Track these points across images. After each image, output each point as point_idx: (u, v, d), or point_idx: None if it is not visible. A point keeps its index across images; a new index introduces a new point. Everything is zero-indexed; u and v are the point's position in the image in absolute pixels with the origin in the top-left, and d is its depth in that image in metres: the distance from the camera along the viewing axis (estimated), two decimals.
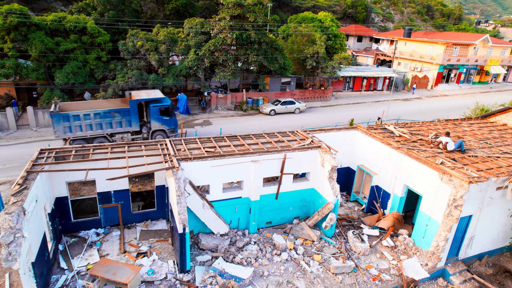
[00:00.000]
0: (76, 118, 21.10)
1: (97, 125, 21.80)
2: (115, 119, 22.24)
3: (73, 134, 21.33)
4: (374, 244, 14.69)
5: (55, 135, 21.21)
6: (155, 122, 23.65)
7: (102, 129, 22.12)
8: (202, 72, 32.14)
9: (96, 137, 22.26)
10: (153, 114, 23.42)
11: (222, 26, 31.56)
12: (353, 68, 44.39)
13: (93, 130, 21.84)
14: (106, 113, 21.82)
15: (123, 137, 22.90)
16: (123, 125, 22.66)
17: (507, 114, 20.56)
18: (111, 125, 22.27)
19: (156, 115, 23.51)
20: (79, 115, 21.11)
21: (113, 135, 22.82)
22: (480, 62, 51.18)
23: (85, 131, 21.65)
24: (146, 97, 23.33)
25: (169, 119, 24.02)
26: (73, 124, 21.09)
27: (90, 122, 21.52)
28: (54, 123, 20.65)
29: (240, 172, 13.81)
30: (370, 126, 18.30)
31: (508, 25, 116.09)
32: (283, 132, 16.53)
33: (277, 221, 15.63)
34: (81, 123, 21.31)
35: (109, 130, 22.38)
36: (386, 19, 79.85)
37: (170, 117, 24.00)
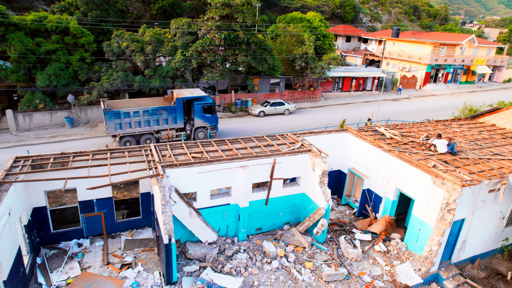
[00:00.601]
0: (127, 115, 22.14)
1: (145, 122, 22.88)
2: (162, 116, 23.30)
3: (123, 131, 22.42)
4: (367, 249, 14.38)
5: (106, 131, 22.25)
6: (198, 120, 24.77)
7: (150, 126, 23.24)
8: (190, 73, 31.52)
9: (143, 134, 23.38)
10: (197, 112, 24.48)
11: (209, 27, 30.99)
12: (342, 69, 44.29)
13: (141, 127, 22.96)
14: (154, 110, 22.86)
15: (167, 134, 23.98)
16: (169, 122, 23.75)
17: (496, 115, 20.55)
18: (158, 122, 23.34)
19: (200, 112, 24.58)
20: (129, 112, 22.15)
21: (159, 132, 23.94)
22: (466, 62, 51.71)
23: (134, 128, 22.73)
24: (190, 95, 24.35)
25: (211, 116, 25.16)
26: (123, 121, 22.13)
27: (139, 119, 22.60)
28: (106, 120, 21.68)
29: (228, 178, 13.33)
30: (360, 128, 18.01)
31: (492, 26, 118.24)
32: (273, 135, 16.10)
33: (267, 227, 15.19)
34: (131, 120, 22.39)
35: (156, 127, 23.50)
36: (374, 19, 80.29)
37: (212, 114, 25.14)
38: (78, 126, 28.13)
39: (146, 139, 23.65)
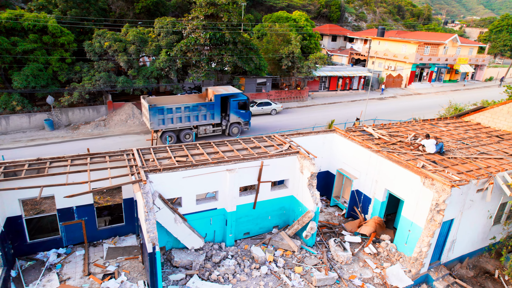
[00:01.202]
0: (169, 111, 23.49)
1: (186, 118, 24.25)
2: (201, 112, 24.75)
3: (165, 126, 23.75)
4: (357, 251, 14.18)
5: (150, 127, 23.46)
6: (234, 115, 26.30)
7: (190, 121, 24.61)
8: (175, 74, 30.88)
9: (183, 129, 24.83)
10: (233, 108, 25.98)
11: (194, 26, 30.41)
12: (328, 68, 44.29)
13: (182, 122, 24.33)
14: (194, 106, 24.29)
15: (206, 129, 25.59)
16: (207, 118, 25.27)
17: (480, 114, 20.71)
18: (197, 117, 24.78)
19: (235, 108, 26.13)
20: (172, 108, 23.49)
21: (197, 127, 25.39)
22: (450, 61, 52.49)
23: (176, 123, 24.10)
24: (226, 92, 25.63)
25: (245, 112, 26.68)
26: (166, 117, 23.42)
27: (180, 115, 23.98)
28: (151, 115, 22.94)
29: (215, 182, 12.91)
30: (348, 128, 17.83)
31: (472, 26, 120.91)
32: (260, 137, 15.75)
33: (255, 232, 14.83)
34: (173, 116, 23.70)
35: (195, 123, 24.93)
36: (360, 19, 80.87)
37: (246, 110, 26.63)
38: (58, 129, 27.17)
39: (186, 134, 25.19)
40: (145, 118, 24.86)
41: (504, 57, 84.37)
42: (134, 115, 28.94)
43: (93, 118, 29.02)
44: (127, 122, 28.52)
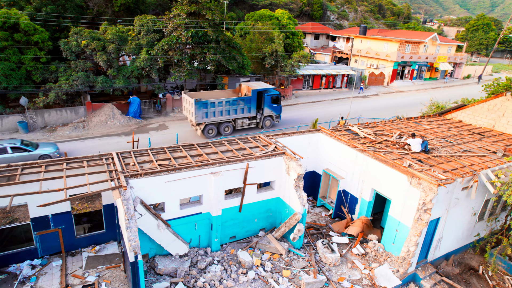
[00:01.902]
0: (212, 105, 25.20)
1: (226, 112, 25.94)
2: (239, 106, 26.51)
3: (208, 119, 25.49)
4: (344, 252, 14.02)
5: (195, 120, 25.09)
6: (267, 109, 28.12)
7: (229, 115, 26.32)
8: (156, 73, 30.11)
9: (223, 122, 26.55)
10: (266, 102, 27.85)
11: (176, 24, 29.70)
12: (312, 66, 44.27)
13: (223, 116, 26.00)
14: (234, 101, 26.06)
15: (243, 122, 27.40)
16: (244, 112, 27.09)
17: (462, 111, 20.98)
18: (236, 111, 26.54)
19: (269, 102, 27.99)
20: (215, 102, 25.24)
21: (235, 121, 27.11)
22: (430, 59, 53.44)
23: (217, 116, 25.75)
24: (260, 87, 27.41)
25: (277, 106, 28.54)
26: (209, 111, 25.16)
27: (221, 109, 25.65)
28: (196, 109, 24.55)
29: (199, 186, 12.47)
30: (334, 127, 17.69)
31: (450, 25, 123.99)
32: (244, 138, 15.38)
33: (241, 235, 14.47)
34: (215, 109, 25.38)
35: (234, 116, 26.65)
36: (342, 17, 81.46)
37: (278, 104, 28.46)
38: (34, 131, 26.03)
39: (225, 127, 26.93)
40: (187, 112, 26.42)
41: (480, 55, 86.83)
42: (115, 116, 28.06)
43: (71, 119, 27.97)
44: (107, 124, 27.62)
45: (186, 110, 26.58)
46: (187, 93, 26.05)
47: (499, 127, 19.20)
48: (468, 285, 14.36)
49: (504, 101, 18.83)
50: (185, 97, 25.78)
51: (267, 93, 27.73)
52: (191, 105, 24.94)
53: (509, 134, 18.69)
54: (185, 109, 26.79)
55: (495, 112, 19.26)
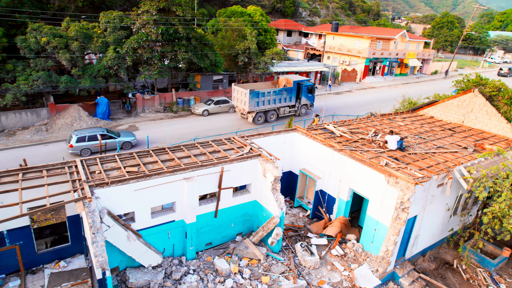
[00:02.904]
0: (262, 95, 28.34)
1: (272, 101, 29.30)
2: (282, 96, 29.87)
3: (258, 107, 28.61)
4: (324, 254, 13.80)
5: (248, 109, 28.07)
6: (304, 98, 31.85)
7: (275, 104, 29.67)
8: (125, 72, 28.80)
9: (269, 110, 29.79)
10: (303, 92, 31.47)
11: (145, 21, 28.48)
12: (285, 63, 44.06)
13: (270, 104, 29.31)
14: (279, 91, 29.56)
15: (285, 110, 30.82)
16: (286, 101, 30.50)
17: (433, 107, 21.34)
18: (280, 100, 29.92)
19: (305, 92, 31.67)
20: (264, 92, 28.38)
21: (279, 109, 30.41)
22: (400, 55, 54.65)
23: (265, 105, 29.00)
24: (298, 79, 31.09)
25: (311, 95, 32.40)
26: (260, 100, 28.32)
27: (269, 98, 28.94)
28: (250, 99, 27.67)
29: (171, 193, 11.80)
30: (309, 126, 17.43)
31: (416, 22, 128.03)
32: (218, 140, 14.79)
33: (218, 241, 13.92)
34: (264, 99, 28.54)
35: (278, 105, 29.93)
36: (313, 14, 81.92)
37: (312, 94, 32.32)
38: None
39: (271, 115, 30.23)
40: (238, 102, 29.30)
41: (445, 51, 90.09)
42: (81, 118, 26.58)
43: (32, 122, 26.23)
44: (73, 126, 26.11)
45: (236, 100, 29.54)
46: (238, 85, 29.39)
47: (468, 122, 19.65)
48: (444, 280, 14.53)
49: (472, 97, 19.26)
50: (237, 89, 28.82)
51: (304, 84, 31.31)
52: (245, 95, 27.86)
53: (477, 129, 19.16)
54: (235, 99, 29.74)
55: (464, 108, 19.69)
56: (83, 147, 21.73)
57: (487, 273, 14.85)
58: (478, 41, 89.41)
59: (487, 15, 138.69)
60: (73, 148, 21.55)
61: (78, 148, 21.67)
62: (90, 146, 21.92)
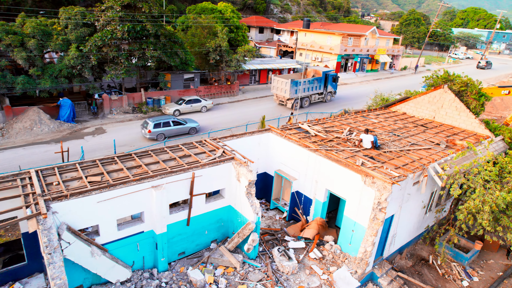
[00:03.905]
0: (299, 84, 32.95)
1: (306, 89, 34.26)
2: (314, 85, 34.82)
3: (296, 95, 32.86)
4: (302, 258, 13.42)
5: (289, 96, 32.67)
6: (330, 86, 36.98)
7: (308, 91, 34.60)
8: (89, 72, 27.25)
9: (304, 97, 34.49)
10: (330, 81, 36.55)
11: (109, 17, 27.01)
12: (258, 61, 43.55)
13: (304, 92, 34.05)
14: (312, 80, 34.45)
15: (315, 97, 35.93)
16: (316, 89, 35.52)
17: (405, 103, 21.50)
18: (312, 89, 34.94)
19: (331, 81, 36.68)
20: (301, 82, 33.03)
21: (310, 96, 35.42)
22: (371, 51, 55.50)
23: (301, 93, 33.24)
24: (325, 70, 36.72)
25: (335, 84, 37.61)
26: (298, 88, 32.83)
27: (304, 87, 33.67)
28: (290, 87, 32.29)
29: (139, 203, 10.98)
30: (283, 126, 16.99)
31: (385, 19, 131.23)
32: (189, 143, 14.04)
33: (191, 250, 13.23)
34: (300, 87, 32.96)
35: (310, 93, 34.87)
36: (285, 10, 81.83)
37: (336, 83, 37.48)
38: None
39: (304, 101, 34.98)
40: (278, 91, 33.96)
41: (413, 47, 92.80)
42: (42, 121, 24.89)
43: None
44: (33, 130, 24.41)
45: (276, 89, 34.15)
46: (278, 75, 34.67)
47: (439, 118, 19.91)
48: (421, 276, 14.56)
49: (442, 93, 19.51)
50: (278, 79, 33.60)
51: (330, 74, 36.39)
52: (286, 85, 32.63)
53: (447, 125, 19.44)
54: (274, 88, 34.40)
55: (435, 104, 19.92)
56: (158, 133, 24.43)
57: (461, 267, 15.03)
58: (443, 38, 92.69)
59: (450, 13, 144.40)
60: (151, 133, 24.23)
61: (155, 133, 24.35)
62: (165, 131, 24.67)
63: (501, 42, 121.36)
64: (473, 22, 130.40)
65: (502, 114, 37.35)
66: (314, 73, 36.08)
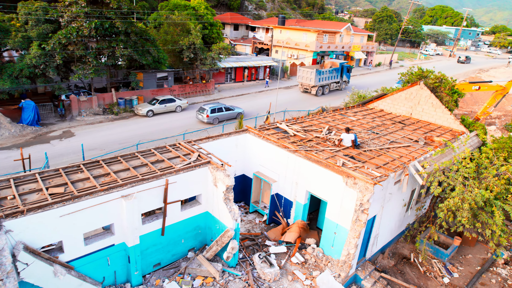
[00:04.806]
0: (322, 73, 39.09)
1: (326, 78, 39.95)
2: (332, 74, 40.59)
3: (319, 83, 39.01)
4: (284, 263, 12.94)
5: (314, 83, 38.37)
6: (345, 76, 42.59)
7: (328, 80, 40.20)
8: (54, 71, 25.66)
9: (324, 85, 40.13)
10: (345, 71, 42.23)
11: (74, 13, 25.47)
12: (233, 58, 42.77)
13: (325, 81, 39.79)
14: (332, 70, 40.48)
15: (333, 85, 41.67)
16: (334, 78, 41.21)
17: (382, 100, 21.47)
18: (331, 78, 40.59)
19: (346, 71, 42.44)
20: (323, 71, 39.18)
21: (330, 85, 41.06)
22: (345, 48, 55.89)
23: (322, 81, 39.34)
24: (341, 62, 42.40)
25: (348, 74, 43.33)
26: (320, 77, 38.92)
27: (325, 76, 39.57)
28: (315, 76, 38.09)
29: (108, 214, 10.12)
30: (261, 126, 16.44)
31: (358, 16, 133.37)
32: (162, 147, 13.23)
33: (167, 260, 12.47)
34: (323, 76, 39.09)
35: (329, 81, 40.54)
36: (259, 7, 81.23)
37: (349, 73, 43.45)
38: None
39: (325, 89, 40.72)
40: (303, 79, 39.65)
41: (386, 44, 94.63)
42: (1, 124, 23.17)
43: None
44: None
45: (302, 78, 39.93)
46: (304, 66, 41.43)
47: (416, 114, 19.97)
48: (403, 275, 14.44)
49: (418, 90, 19.55)
50: (303, 69, 39.69)
51: (345, 65, 42.25)
52: (311, 74, 38.42)
53: (424, 121, 19.52)
54: (300, 77, 40.27)
55: (412, 101, 19.96)
56: (214, 117, 27.68)
57: (441, 264, 15.04)
58: (414, 35, 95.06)
59: (419, 11, 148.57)
60: (209, 118, 27.48)
61: (211, 118, 27.56)
62: (219, 116, 27.89)
63: (467, 39, 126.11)
64: (441, 20, 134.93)
65: (472, 109, 38.49)
66: (331, 65, 41.78)
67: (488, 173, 12.82)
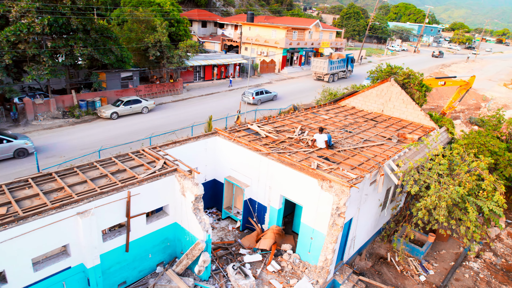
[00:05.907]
0: (333, 63, 46.53)
1: (336, 67, 47.24)
2: (340, 64, 47.99)
3: (331, 71, 46.27)
4: (259, 272, 12.28)
5: (326, 72, 45.91)
6: (349, 66, 49.89)
7: (337, 69, 47.42)
8: (3, 72, 23.53)
9: (334, 73, 47.44)
10: (349, 62, 49.57)
11: (24, 8, 23.41)
12: (201, 56, 41.54)
13: (335, 70, 47.03)
14: (340, 61, 47.76)
15: (341, 74, 49.01)
16: (341, 67, 48.50)
17: (354, 98, 21.30)
18: (339, 67, 47.95)
19: (350, 62, 49.70)
20: (334, 61, 46.64)
21: (338, 73, 48.19)
22: (315, 45, 55.96)
23: (333, 70, 46.57)
24: (347, 53, 50.30)
25: (352, 64, 50.69)
26: (332, 66, 46.22)
27: (335, 65, 46.89)
28: (328, 65, 45.53)
29: (62, 234, 9.01)
30: (231, 128, 15.68)
31: (326, 12, 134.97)
32: (124, 154, 12.15)
33: (134, 277, 11.46)
34: (333, 66, 46.40)
35: (338, 70, 47.76)
36: (228, 4, 79.94)
37: (353, 63, 51.04)
38: None
39: (335, 77, 47.60)
40: (317, 69, 46.70)
41: (354, 40, 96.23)
42: None
43: None
44: None
45: (315, 68, 46.92)
46: (317, 57, 48.26)
47: (387, 111, 19.92)
48: (381, 276, 14.23)
49: (389, 87, 19.49)
50: (317, 59, 46.71)
51: (350, 56, 49.37)
52: (324, 63, 45.57)
53: (396, 117, 19.50)
54: (314, 67, 47.22)
55: (383, 97, 19.88)
56: (258, 99, 33.07)
57: (417, 261, 14.97)
58: (380, 31, 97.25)
59: (384, 8, 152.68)
60: (255, 99, 32.78)
61: (256, 99, 32.88)
62: (261, 97, 33.59)
63: (430, 36, 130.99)
64: (405, 17, 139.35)
65: (438, 104, 39.55)
66: (338, 56, 48.43)
67: (460, 169, 12.77)
